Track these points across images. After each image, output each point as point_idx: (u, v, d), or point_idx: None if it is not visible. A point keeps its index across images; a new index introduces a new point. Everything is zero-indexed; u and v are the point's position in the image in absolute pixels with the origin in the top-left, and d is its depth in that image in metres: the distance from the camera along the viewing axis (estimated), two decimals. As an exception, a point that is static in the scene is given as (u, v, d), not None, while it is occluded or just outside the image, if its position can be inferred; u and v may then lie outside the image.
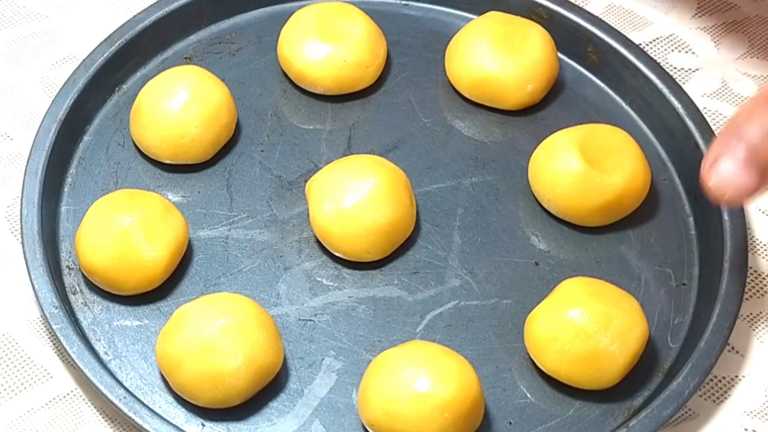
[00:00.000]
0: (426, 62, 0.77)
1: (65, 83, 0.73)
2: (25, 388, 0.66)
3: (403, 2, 0.80)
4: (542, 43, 0.75)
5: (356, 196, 0.68)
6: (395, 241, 0.69)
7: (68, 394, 0.66)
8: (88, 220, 0.67)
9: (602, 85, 0.77)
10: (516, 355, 0.67)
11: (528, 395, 0.66)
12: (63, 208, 0.71)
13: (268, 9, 0.79)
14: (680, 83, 0.76)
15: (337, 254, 0.69)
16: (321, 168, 0.71)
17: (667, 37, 0.81)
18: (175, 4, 0.76)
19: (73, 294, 0.68)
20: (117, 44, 0.75)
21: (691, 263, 0.71)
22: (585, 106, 0.76)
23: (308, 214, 0.70)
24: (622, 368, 0.65)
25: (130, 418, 0.63)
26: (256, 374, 0.63)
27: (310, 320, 0.68)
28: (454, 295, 0.69)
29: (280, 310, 0.68)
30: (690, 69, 0.80)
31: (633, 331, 0.64)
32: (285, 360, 0.66)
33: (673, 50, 0.81)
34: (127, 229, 0.66)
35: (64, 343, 0.64)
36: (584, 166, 0.69)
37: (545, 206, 0.72)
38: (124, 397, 0.63)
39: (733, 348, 0.69)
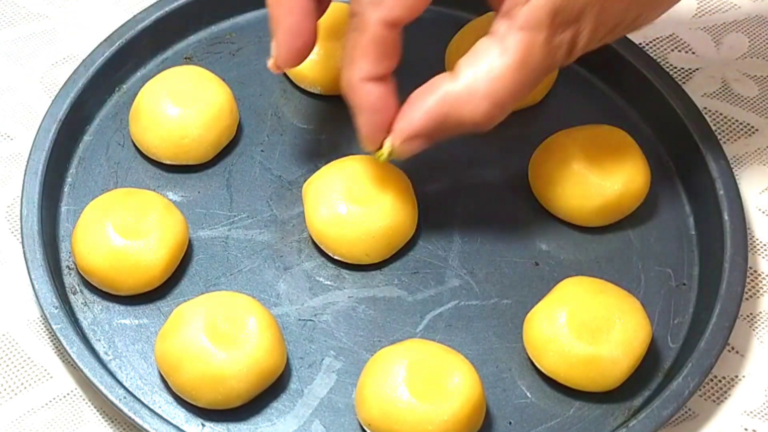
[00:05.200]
0: (426, 62, 0.77)
1: (65, 83, 0.73)
2: (25, 388, 0.66)
3: (403, 2, 0.80)
4: (542, 43, 0.75)
5: (354, 199, 0.68)
6: (395, 244, 0.69)
7: (68, 394, 0.66)
8: (85, 219, 0.67)
9: (602, 85, 0.77)
10: (516, 355, 0.67)
11: (528, 395, 0.66)
12: (63, 208, 0.71)
13: (268, 9, 0.79)
14: (680, 83, 0.76)
15: (335, 257, 0.69)
16: (320, 168, 0.71)
17: (667, 37, 0.81)
18: (175, 4, 0.76)
19: (73, 294, 0.68)
20: (117, 44, 0.75)
21: (691, 263, 0.71)
22: (585, 106, 0.76)
23: (308, 215, 0.70)
24: (625, 372, 0.64)
25: (130, 418, 0.63)
26: (259, 377, 0.63)
27: (310, 320, 0.68)
28: (454, 295, 0.69)
29: (280, 310, 0.68)
30: (690, 69, 0.80)
31: (637, 334, 0.64)
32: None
33: (673, 50, 0.81)
34: (124, 228, 0.66)
35: (64, 343, 0.64)
36: (584, 167, 0.69)
37: (545, 206, 0.72)
38: (124, 397, 0.63)
39: (733, 348, 0.69)
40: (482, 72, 0.62)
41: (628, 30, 0.65)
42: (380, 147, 0.65)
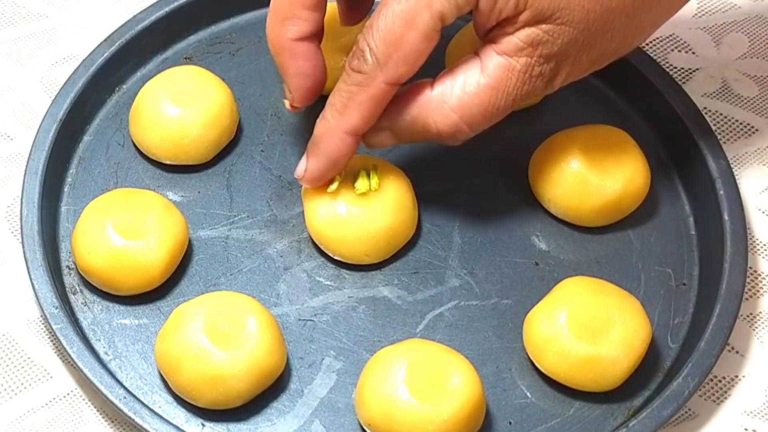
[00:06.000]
0: (426, 62, 0.77)
1: (65, 83, 0.73)
2: (25, 388, 0.66)
3: (403, 2, 0.80)
4: (542, 43, 0.75)
5: (353, 199, 0.68)
6: (396, 244, 0.69)
7: (68, 394, 0.66)
8: (85, 219, 0.67)
9: (602, 85, 0.77)
10: (516, 355, 0.67)
11: (528, 395, 0.66)
12: (63, 208, 0.71)
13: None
14: (680, 83, 0.76)
15: (335, 257, 0.69)
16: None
17: (667, 37, 0.81)
18: (175, 4, 0.76)
19: (73, 294, 0.68)
20: (117, 44, 0.75)
21: (691, 263, 0.71)
22: (585, 106, 0.76)
23: (308, 215, 0.70)
24: (625, 372, 0.64)
25: (130, 418, 0.63)
26: (259, 377, 0.63)
27: (310, 320, 0.68)
28: (454, 295, 0.69)
29: (280, 310, 0.68)
30: (690, 69, 0.80)
31: (637, 334, 0.64)
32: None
33: (673, 50, 0.81)
34: (124, 228, 0.66)
35: (64, 343, 0.64)
36: (584, 167, 0.69)
37: (545, 206, 0.72)
38: (124, 397, 0.63)
39: (733, 348, 0.69)
40: (458, 85, 0.64)
41: (610, 60, 0.67)
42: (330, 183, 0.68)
